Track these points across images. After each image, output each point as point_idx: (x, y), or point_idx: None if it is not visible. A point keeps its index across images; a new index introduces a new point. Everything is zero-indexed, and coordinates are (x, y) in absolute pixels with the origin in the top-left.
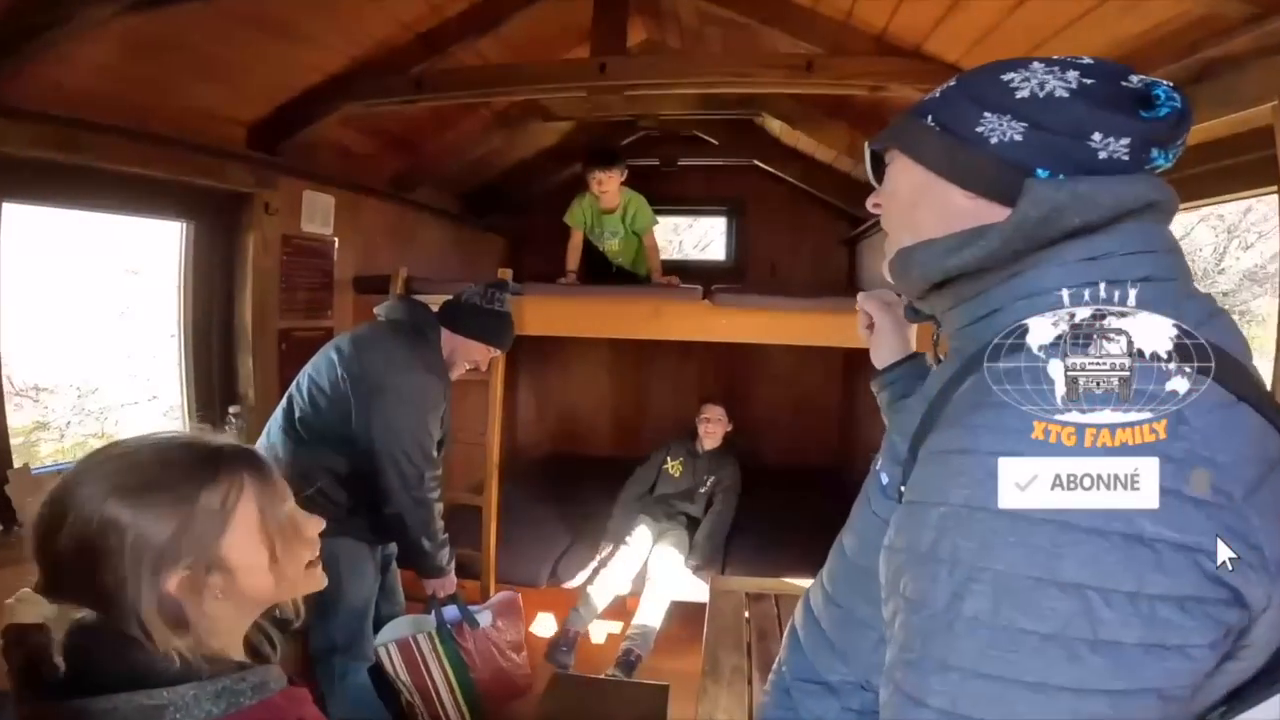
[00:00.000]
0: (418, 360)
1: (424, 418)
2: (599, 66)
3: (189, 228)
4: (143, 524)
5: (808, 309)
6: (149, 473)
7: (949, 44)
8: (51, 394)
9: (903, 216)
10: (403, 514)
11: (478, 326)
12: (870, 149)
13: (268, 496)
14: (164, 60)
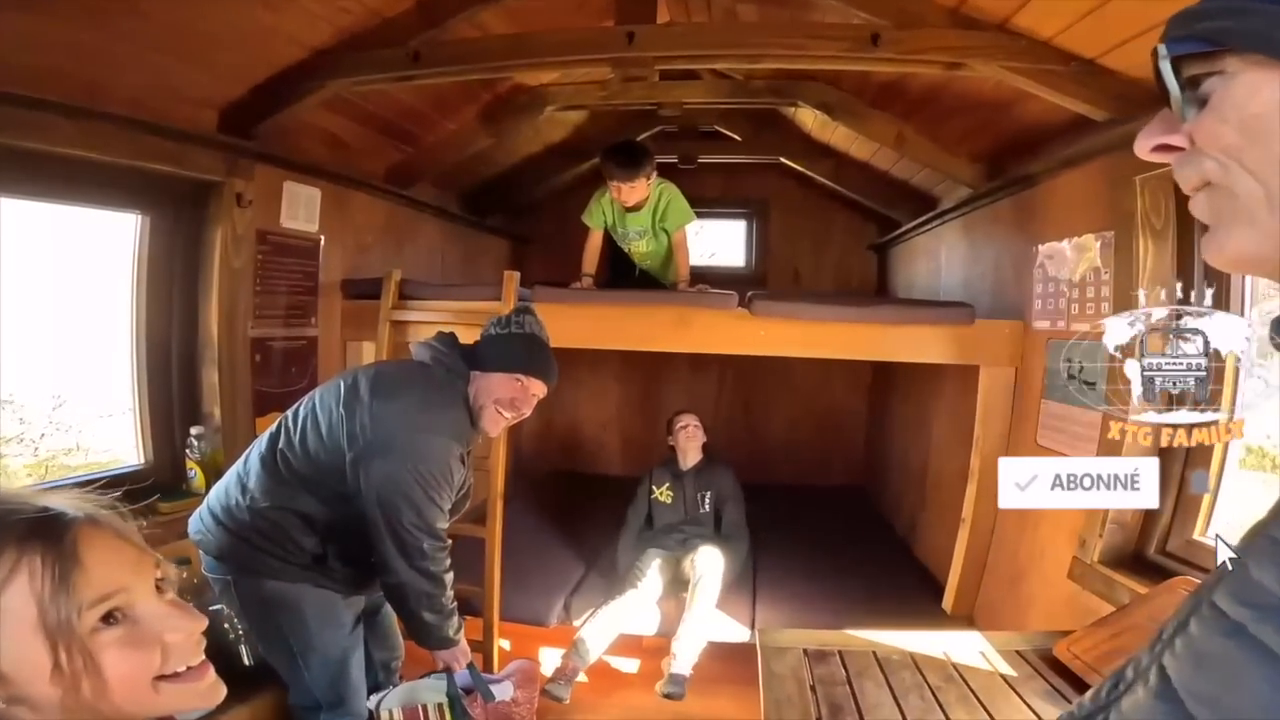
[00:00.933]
0: (441, 421)
1: (434, 491)
2: (626, 36)
3: (144, 221)
4: None
5: (862, 320)
6: None
7: (1048, 17)
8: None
9: (1264, 152)
10: (404, 585)
11: (496, 355)
12: (1170, 55)
13: (57, 581)
14: (117, 29)
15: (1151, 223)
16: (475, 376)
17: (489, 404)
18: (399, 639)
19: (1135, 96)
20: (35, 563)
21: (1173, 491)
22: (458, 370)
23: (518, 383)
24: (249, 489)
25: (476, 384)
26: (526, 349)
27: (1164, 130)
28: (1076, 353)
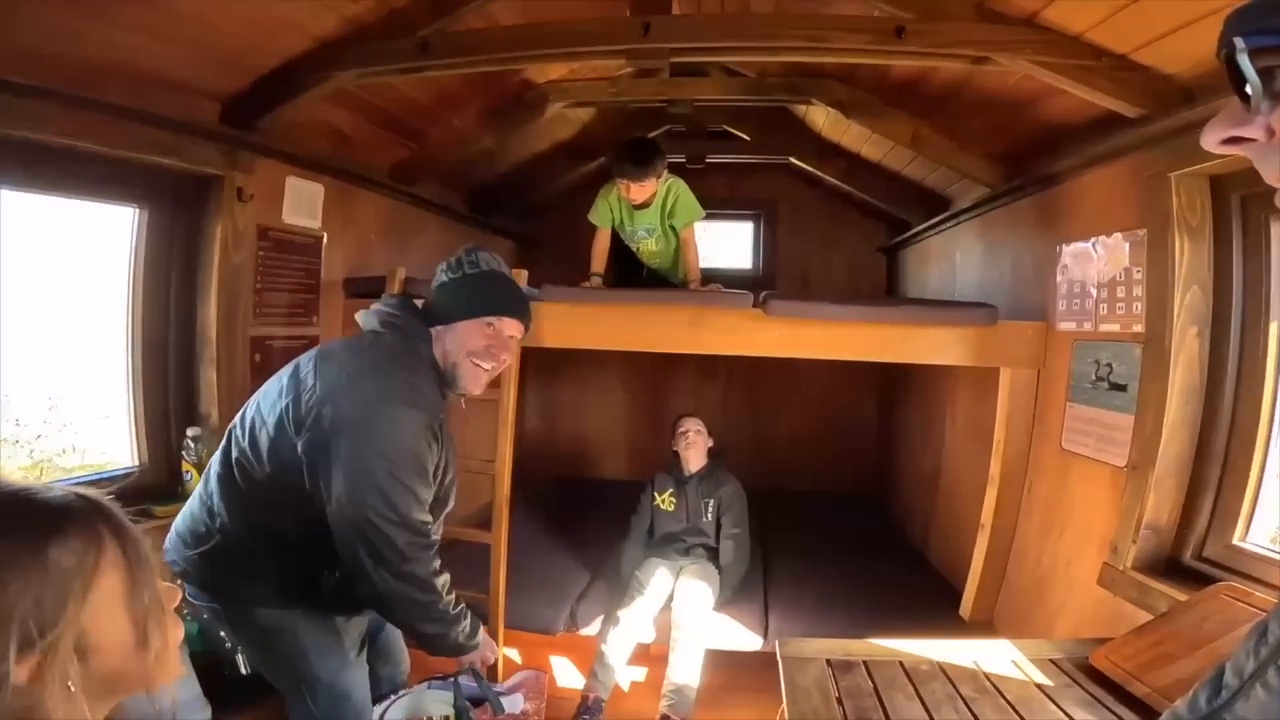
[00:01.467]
0: (399, 388)
1: (402, 470)
2: (642, 26)
3: (142, 215)
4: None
5: (881, 320)
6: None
7: (1079, 12)
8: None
9: None
10: (386, 597)
11: (457, 302)
12: (1249, 47)
13: (134, 560)
14: (117, 16)
15: (1188, 221)
16: (439, 333)
17: (463, 359)
18: (404, 653)
19: (1169, 93)
20: (118, 540)
21: (1210, 495)
22: (414, 331)
23: (489, 327)
24: (215, 511)
25: (442, 341)
26: (489, 287)
27: (1234, 123)
28: (1107, 354)
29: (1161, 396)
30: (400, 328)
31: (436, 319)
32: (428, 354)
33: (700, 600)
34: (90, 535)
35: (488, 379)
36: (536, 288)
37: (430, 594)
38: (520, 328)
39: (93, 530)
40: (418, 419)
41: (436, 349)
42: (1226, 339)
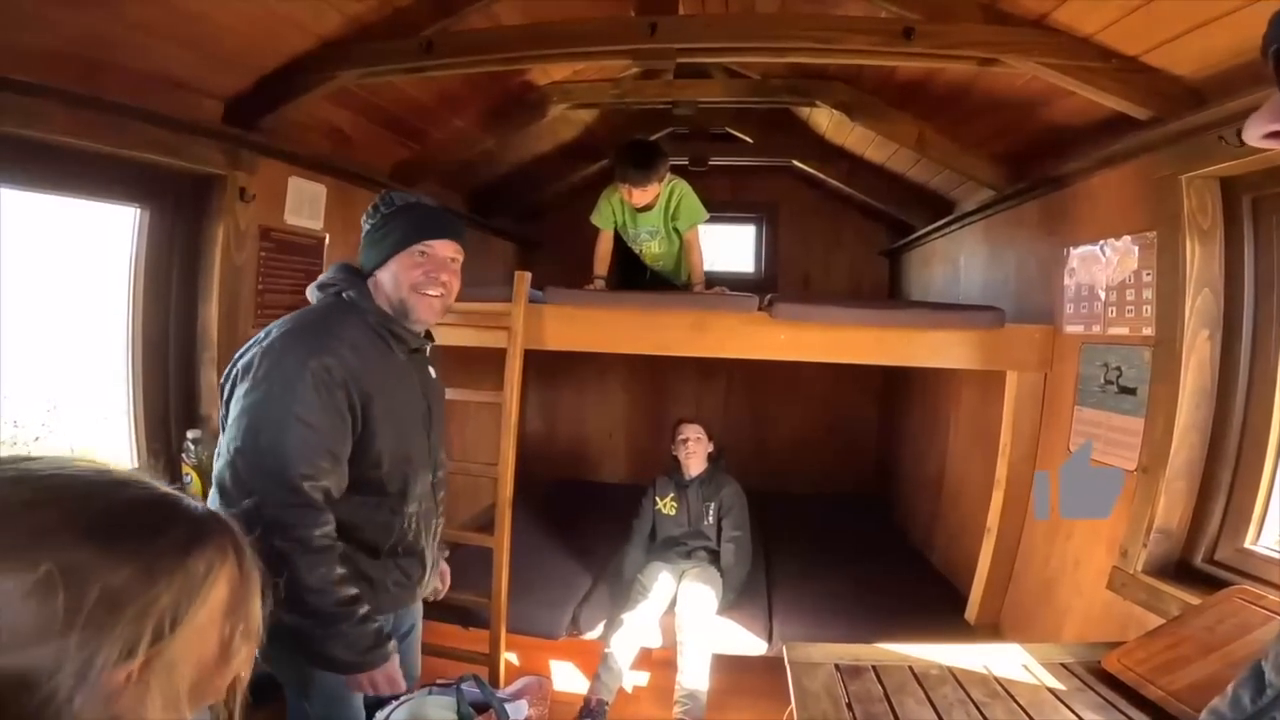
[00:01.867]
0: (303, 334)
1: (280, 405)
2: (648, 26)
3: (143, 215)
4: (116, 579)
5: (887, 323)
6: (123, 512)
7: (1089, 14)
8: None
9: None
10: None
11: (384, 241)
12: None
13: (244, 581)
14: (121, 13)
15: (1198, 223)
16: (377, 281)
17: (407, 294)
18: (417, 661)
19: (1179, 95)
20: (237, 565)
21: (1221, 499)
22: (347, 285)
23: (422, 256)
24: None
25: (381, 286)
26: (411, 216)
27: (1277, 117)
28: (1116, 357)
29: (1172, 400)
30: (334, 286)
31: (371, 267)
32: (366, 305)
33: (703, 603)
34: (220, 550)
35: (441, 305)
36: (540, 289)
37: (299, 571)
38: (455, 247)
39: (223, 546)
40: (312, 360)
41: (380, 297)
42: (1238, 342)
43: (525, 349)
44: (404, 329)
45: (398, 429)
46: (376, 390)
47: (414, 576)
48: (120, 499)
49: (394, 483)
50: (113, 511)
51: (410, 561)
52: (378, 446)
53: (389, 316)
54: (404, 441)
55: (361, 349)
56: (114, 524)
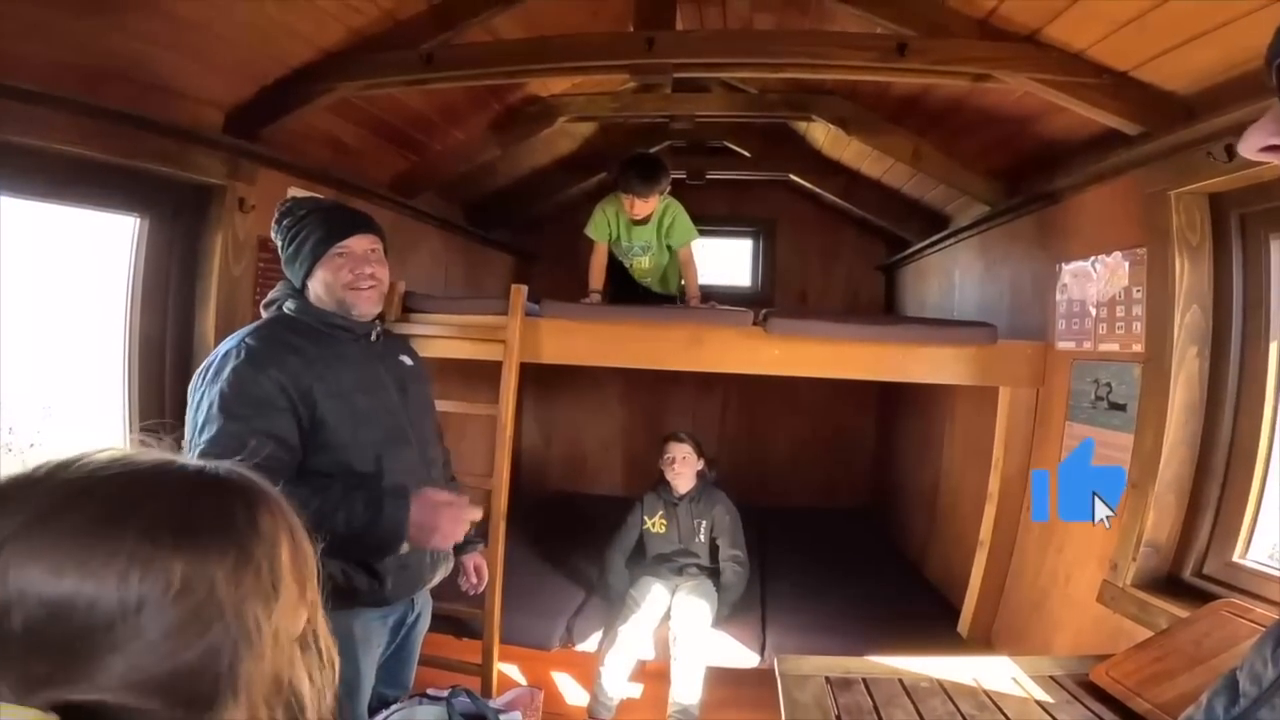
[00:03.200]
0: (236, 336)
1: (213, 397)
2: (646, 41)
3: (142, 224)
4: (223, 568)
5: (881, 339)
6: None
7: (1081, 29)
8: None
9: None
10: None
11: (302, 253)
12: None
13: (290, 520)
14: (124, 21)
15: (1188, 239)
16: (312, 288)
17: (344, 293)
18: (411, 671)
19: (1170, 110)
20: (276, 506)
21: (1210, 513)
22: (284, 297)
23: (340, 258)
24: None
25: (314, 291)
26: (317, 222)
27: (1275, 131)
28: (1106, 373)
29: (1161, 415)
30: (275, 302)
31: (300, 280)
32: (305, 309)
33: (698, 617)
34: (265, 504)
35: (378, 294)
36: (536, 302)
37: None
38: (370, 239)
39: (265, 499)
40: (240, 351)
41: (318, 300)
42: (1226, 358)
43: (521, 362)
44: (347, 320)
45: (353, 410)
46: (318, 378)
47: (419, 561)
48: (182, 495)
49: (363, 462)
50: (186, 508)
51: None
52: (331, 427)
53: (329, 313)
54: (364, 421)
55: (301, 348)
56: (191, 521)
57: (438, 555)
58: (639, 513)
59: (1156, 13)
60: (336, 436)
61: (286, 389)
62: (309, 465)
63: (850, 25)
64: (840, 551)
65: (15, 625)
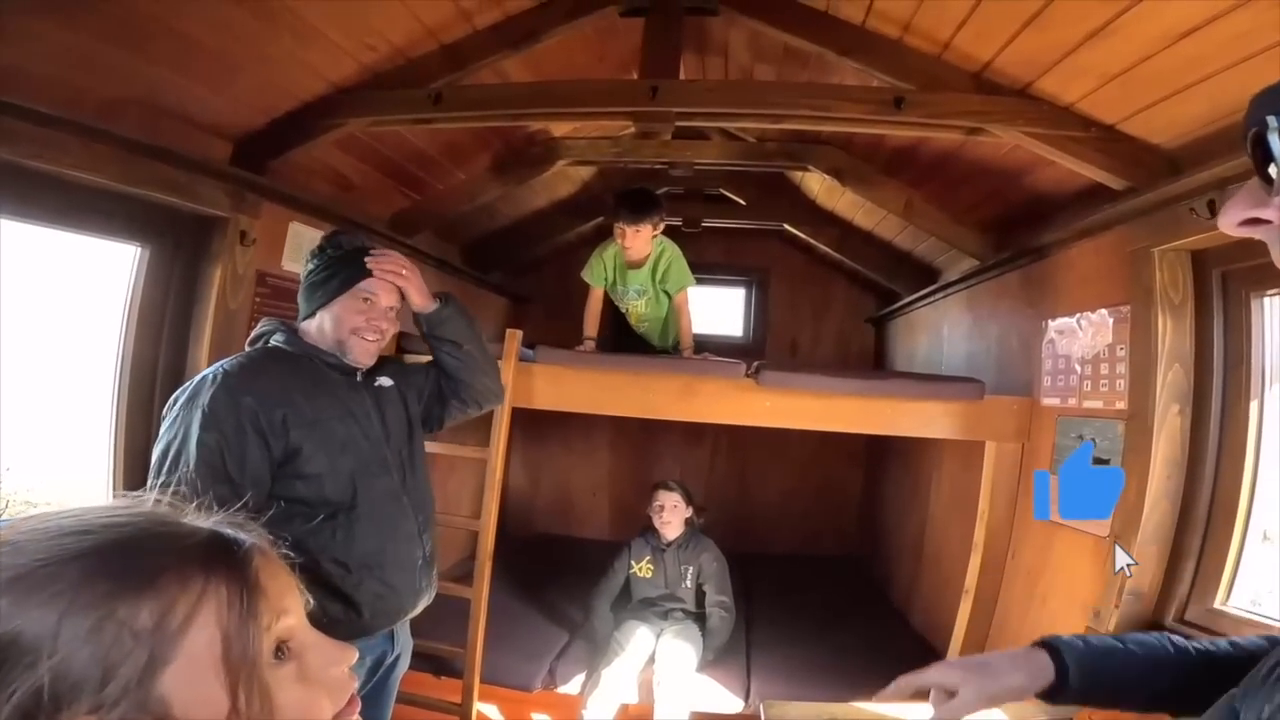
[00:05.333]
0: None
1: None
2: (649, 89)
3: (144, 253)
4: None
5: (870, 393)
6: (41, 566)
7: (1070, 83)
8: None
9: None
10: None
11: (334, 280)
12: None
13: (244, 611)
14: (141, 46)
15: (1170, 298)
16: (311, 321)
17: (346, 335)
18: (388, 707)
19: (1155, 165)
20: (222, 592)
21: (1191, 562)
22: (271, 332)
23: (365, 302)
24: None
25: (318, 324)
26: (359, 260)
27: (1252, 204)
28: (1090, 429)
29: (1144, 470)
30: (262, 337)
31: (315, 308)
32: (287, 340)
33: (683, 661)
34: (186, 584)
35: (376, 348)
36: (530, 347)
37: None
38: (396, 295)
39: (192, 578)
40: (220, 380)
41: (312, 337)
42: (1207, 416)
43: (513, 406)
44: (338, 361)
45: (328, 442)
46: (291, 406)
47: (397, 589)
48: (94, 548)
49: (340, 493)
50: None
51: (388, 574)
52: (305, 455)
53: (315, 348)
54: (342, 453)
55: (279, 375)
56: (34, 580)
57: (421, 583)
58: (626, 557)
59: (1144, 66)
60: (311, 465)
61: (258, 417)
62: (288, 494)
63: (849, 78)
64: (826, 598)
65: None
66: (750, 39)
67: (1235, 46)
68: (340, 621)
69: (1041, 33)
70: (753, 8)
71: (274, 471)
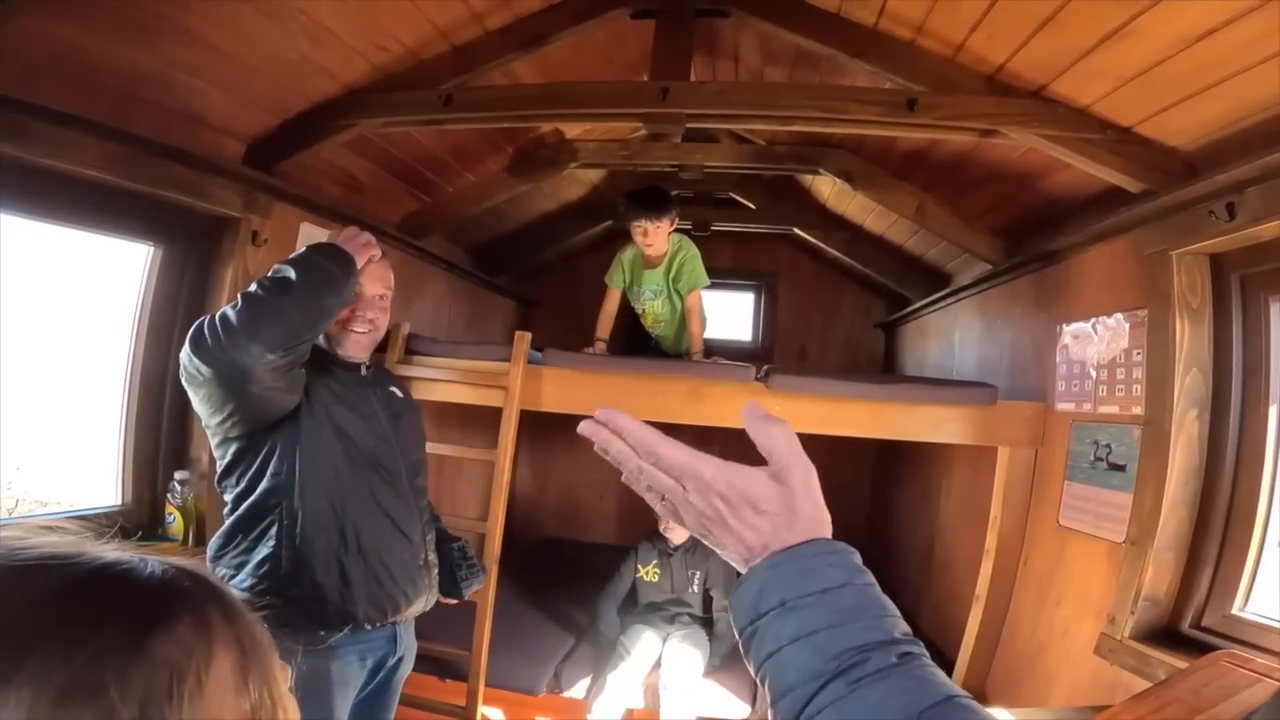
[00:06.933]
0: None
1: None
2: (660, 91)
3: (156, 252)
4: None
5: (881, 398)
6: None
7: (1086, 85)
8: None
9: None
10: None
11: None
12: None
13: (249, 642)
14: (155, 47)
15: (1188, 302)
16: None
17: (336, 330)
18: (390, 711)
19: (1172, 167)
20: (230, 632)
21: (1209, 569)
22: None
23: (353, 295)
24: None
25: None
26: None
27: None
28: (1105, 435)
29: (1161, 476)
30: None
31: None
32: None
33: (689, 665)
34: (198, 619)
35: (369, 340)
36: (539, 350)
37: (235, 306)
38: (385, 283)
39: (201, 613)
40: None
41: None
42: (1226, 421)
43: (521, 409)
44: (336, 357)
45: (330, 425)
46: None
47: (396, 578)
48: (41, 589)
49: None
50: (34, 608)
51: (386, 560)
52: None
53: (319, 349)
54: (341, 437)
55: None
56: (35, 626)
57: (420, 580)
58: (633, 561)
59: (1161, 68)
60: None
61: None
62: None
63: (860, 80)
64: None
65: None
66: (761, 41)
67: (1253, 49)
68: (333, 603)
69: (1056, 35)
70: (764, 10)
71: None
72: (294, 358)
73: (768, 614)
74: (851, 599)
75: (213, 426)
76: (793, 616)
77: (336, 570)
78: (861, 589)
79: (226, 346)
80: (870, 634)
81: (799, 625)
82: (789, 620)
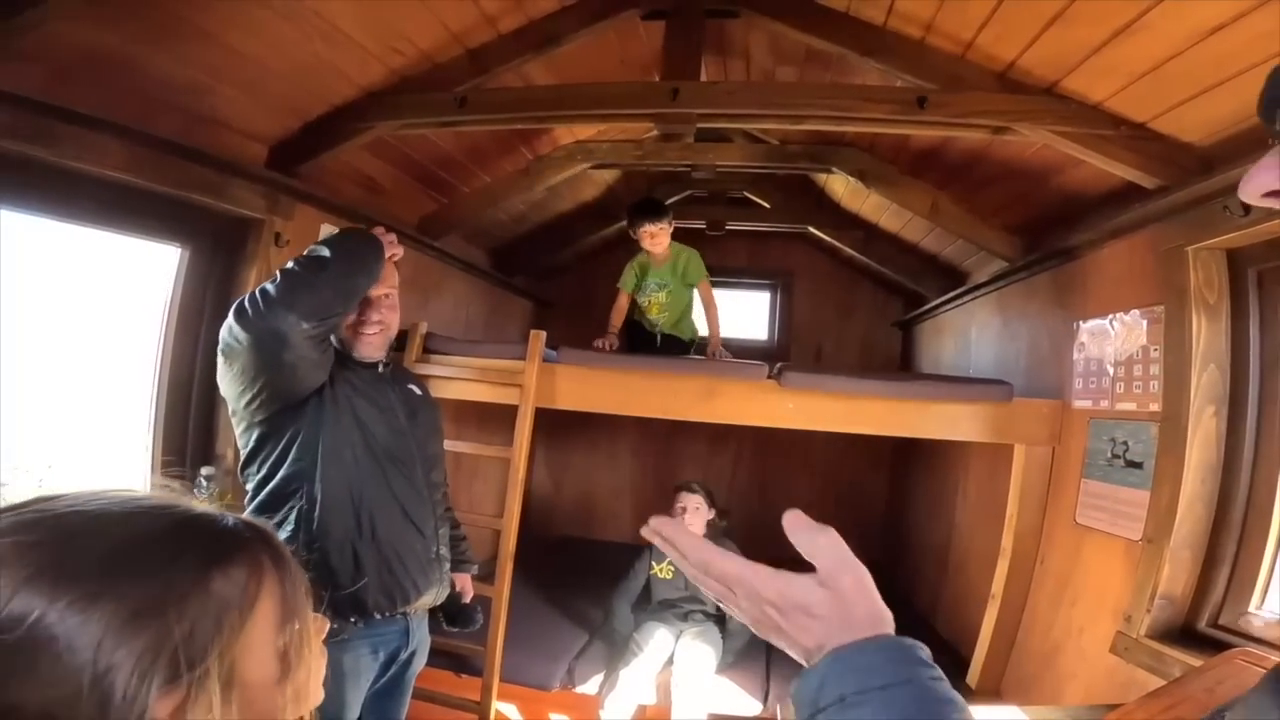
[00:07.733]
0: None
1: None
2: (671, 91)
3: (184, 254)
4: (119, 626)
5: (895, 395)
6: (137, 543)
7: (1098, 81)
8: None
9: None
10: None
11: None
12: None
13: (290, 589)
14: (179, 51)
15: (1205, 297)
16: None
17: (347, 334)
18: (404, 707)
19: (1187, 163)
20: (276, 569)
21: (1226, 567)
22: None
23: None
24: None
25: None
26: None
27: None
28: (1123, 432)
29: (1178, 474)
30: None
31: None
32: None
33: (702, 662)
34: (253, 565)
35: (381, 339)
36: (554, 348)
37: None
38: (387, 283)
39: (256, 560)
40: None
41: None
42: (1244, 418)
43: (536, 407)
44: (351, 358)
45: (350, 417)
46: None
47: (408, 568)
48: (136, 529)
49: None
50: (127, 543)
51: (399, 549)
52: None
53: (338, 351)
54: (360, 428)
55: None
56: (126, 557)
57: (431, 572)
58: (647, 559)
59: (1174, 63)
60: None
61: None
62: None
63: (871, 78)
64: None
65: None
66: (771, 41)
67: (1265, 43)
68: (343, 586)
69: (1065, 31)
70: (773, 10)
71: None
72: (325, 329)
73: (827, 708)
74: (912, 694)
75: (239, 411)
76: (852, 713)
77: (350, 556)
78: (924, 685)
79: (266, 315)
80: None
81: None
82: (848, 716)
